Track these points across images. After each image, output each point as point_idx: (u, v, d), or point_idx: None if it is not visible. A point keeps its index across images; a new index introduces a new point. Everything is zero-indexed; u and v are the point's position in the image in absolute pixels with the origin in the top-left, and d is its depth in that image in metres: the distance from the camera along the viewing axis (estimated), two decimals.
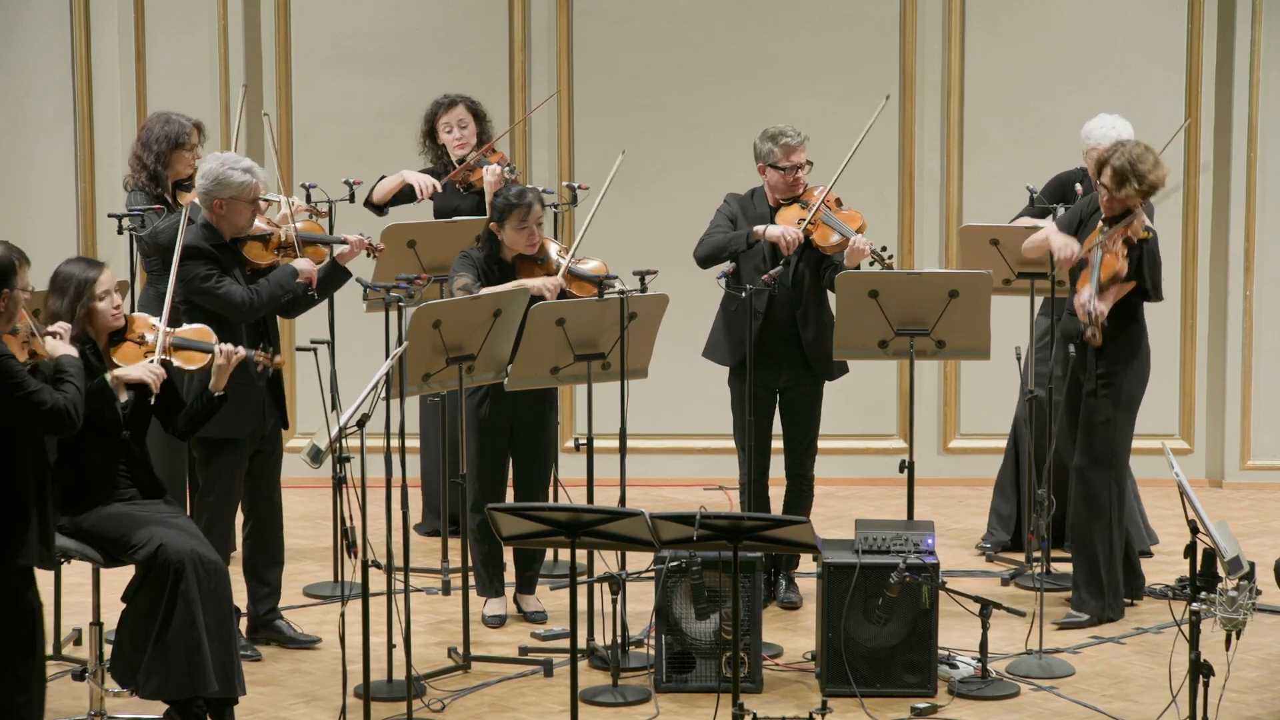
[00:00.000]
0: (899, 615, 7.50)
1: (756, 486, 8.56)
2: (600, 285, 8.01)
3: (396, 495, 7.61)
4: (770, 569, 8.63)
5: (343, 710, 7.22)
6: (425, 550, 9.40)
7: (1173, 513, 9.33)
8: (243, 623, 7.96)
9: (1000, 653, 7.87)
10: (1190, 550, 6.63)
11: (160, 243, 8.47)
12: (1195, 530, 6.61)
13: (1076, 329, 8.21)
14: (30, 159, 10.78)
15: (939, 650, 7.59)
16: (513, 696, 7.61)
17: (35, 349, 6.60)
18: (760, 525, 6.73)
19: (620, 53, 10.86)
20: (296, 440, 10.77)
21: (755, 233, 8.35)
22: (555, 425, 8.49)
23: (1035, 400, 8.90)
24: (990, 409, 10.54)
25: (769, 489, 8.64)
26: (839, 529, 9.37)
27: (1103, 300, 8.04)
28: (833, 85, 10.79)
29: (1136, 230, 8.11)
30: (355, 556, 6.93)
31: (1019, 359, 9.11)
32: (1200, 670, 6.64)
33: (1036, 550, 8.75)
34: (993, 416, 10.47)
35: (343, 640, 7.08)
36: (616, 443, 8.06)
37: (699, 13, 10.84)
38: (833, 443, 10.18)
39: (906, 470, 8.30)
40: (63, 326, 6.84)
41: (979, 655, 7.62)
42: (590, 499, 8.17)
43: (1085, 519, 8.29)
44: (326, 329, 8.76)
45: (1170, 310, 10.72)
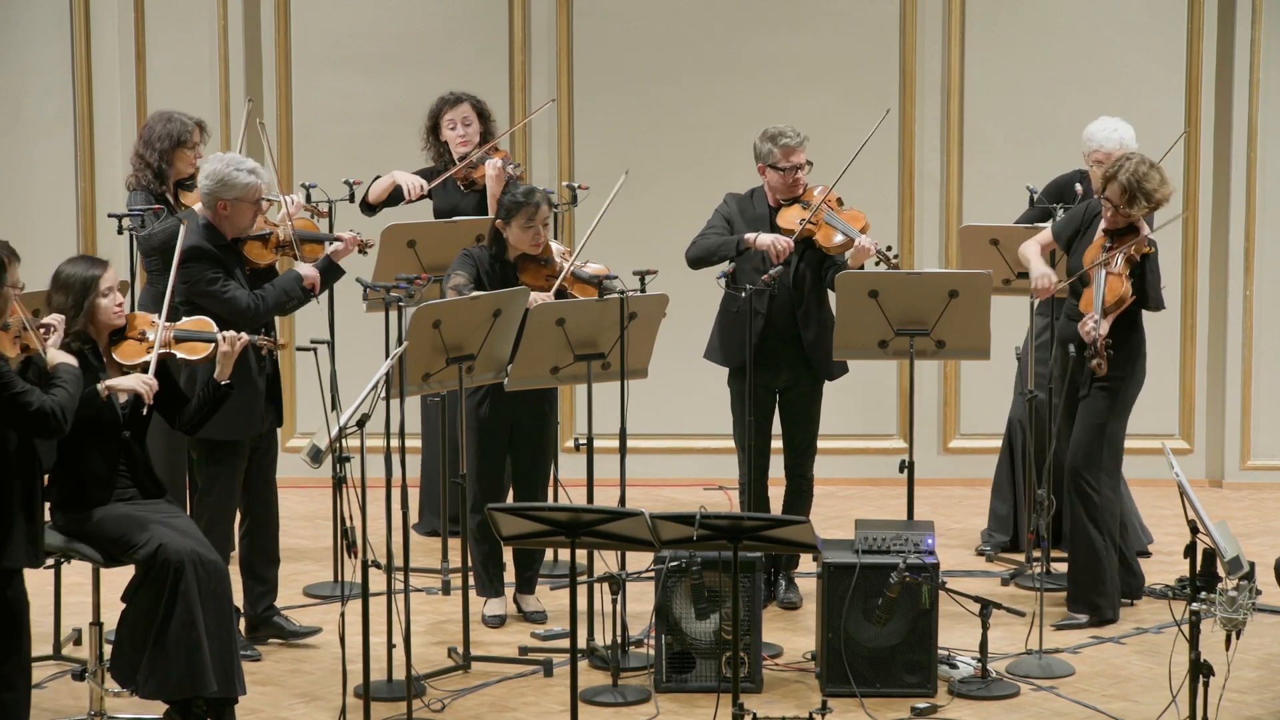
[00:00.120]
0: (899, 615, 7.50)
1: (756, 486, 8.56)
2: (600, 286, 8.01)
3: (396, 495, 7.61)
4: (770, 569, 8.63)
5: (343, 710, 7.22)
6: (425, 550, 9.40)
7: (1173, 513, 9.33)
8: (241, 623, 7.97)
9: (1000, 653, 7.87)
10: (1190, 550, 6.63)
11: (154, 245, 8.48)
12: (1195, 530, 6.61)
13: (1074, 332, 8.21)
14: (30, 159, 10.78)
15: (939, 650, 7.59)
16: (513, 696, 7.61)
17: (28, 343, 6.59)
18: (760, 525, 6.73)
19: (620, 53, 10.86)
20: (296, 440, 10.78)
21: (746, 240, 8.35)
22: (555, 425, 8.49)
23: (1034, 400, 8.90)
24: (990, 409, 10.54)
25: (769, 489, 8.64)
26: (839, 529, 9.37)
27: (1104, 321, 8.03)
28: (833, 85, 10.79)
29: (1140, 247, 8.10)
30: (355, 556, 6.94)
31: (1019, 359, 9.12)
32: (1200, 670, 6.64)
33: (1036, 550, 8.75)
34: (992, 416, 10.46)
35: (343, 640, 7.08)
36: (616, 443, 8.06)
37: (699, 13, 10.84)
38: (833, 443, 10.18)
39: (906, 470, 8.30)
40: (56, 318, 6.83)
41: (979, 655, 7.61)
42: (590, 499, 8.17)
43: (1080, 520, 8.29)
44: (326, 329, 8.76)
45: (1170, 310, 10.66)
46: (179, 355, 7.18)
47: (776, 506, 8.84)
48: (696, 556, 7.46)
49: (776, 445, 8.60)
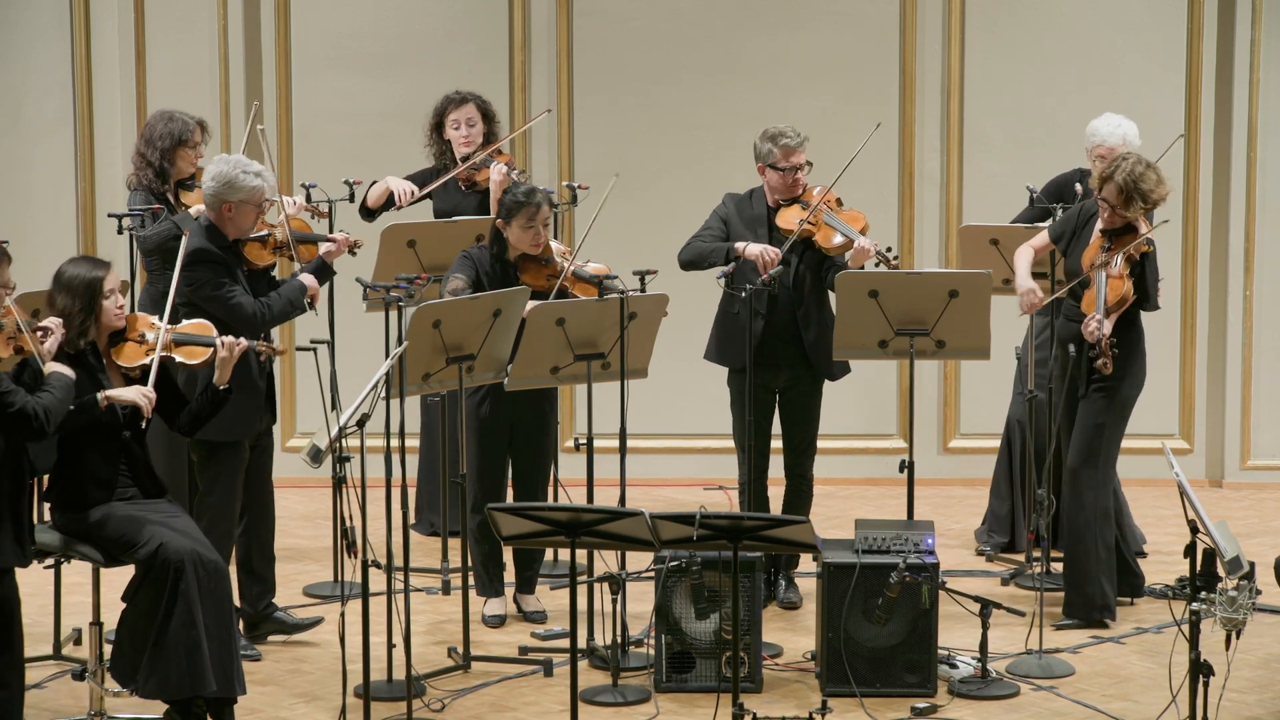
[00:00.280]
0: (899, 615, 7.50)
1: (756, 486, 8.56)
2: (600, 286, 8.00)
3: (396, 495, 7.61)
4: (770, 569, 8.63)
5: (343, 710, 7.22)
6: (425, 550, 9.40)
7: (1173, 513, 9.34)
8: (241, 622, 7.96)
9: (1000, 653, 7.87)
10: (1190, 550, 6.62)
11: (151, 246, 8.48)
12: (1195, 530, 6.61)
13: (1073, 333, 8.21)
14: (30, 159, 10.78)
15: (939, 650, 7.59)
16: (513, 696, 7.61)
17: (22, 345, 6.59)
18: (760, 525, 6.73)
19: (620, 53, 10.86)
20: (296, 440, 10.79)
21: (736, 249, 8.35)
22: (555, 425, 8.49)
23: (1034, 400, 8.90)
24: (990, 409, 10.53)
25: (768, 489, 8.64)
26: (839, 529, 9.37)
27: (1106, 321, 8.03)
28: (833, 85, 10.79)
29: (1140, 246, 8.10)
30: (355, 556, 6.94)
31: (1019, 359, 9.11)
32: (1200, 670, 6.64)
33: (1036, 550, 8.75)
34: (992, 416, 10.45)
35: (343, 640, 7.08)
36: (616, 443, 8.06)
37: (699, 13, 10.84)
38: (833, 443, 10.18)
39: (906, 470, 8.30)
40: (54, 322, 6.82)
41: (979, 655, 7.61)
42: (590, 499, 8.17)
43: (1078, 521, 8.28)
44: (326, 329, 8.75)
45: (1170, 310, 10.71)
46: (178, 359, 7.18)
47: (776, 506, 8.84)
48: (696, 556, 7.46)
49: (776, 445, 8.61)
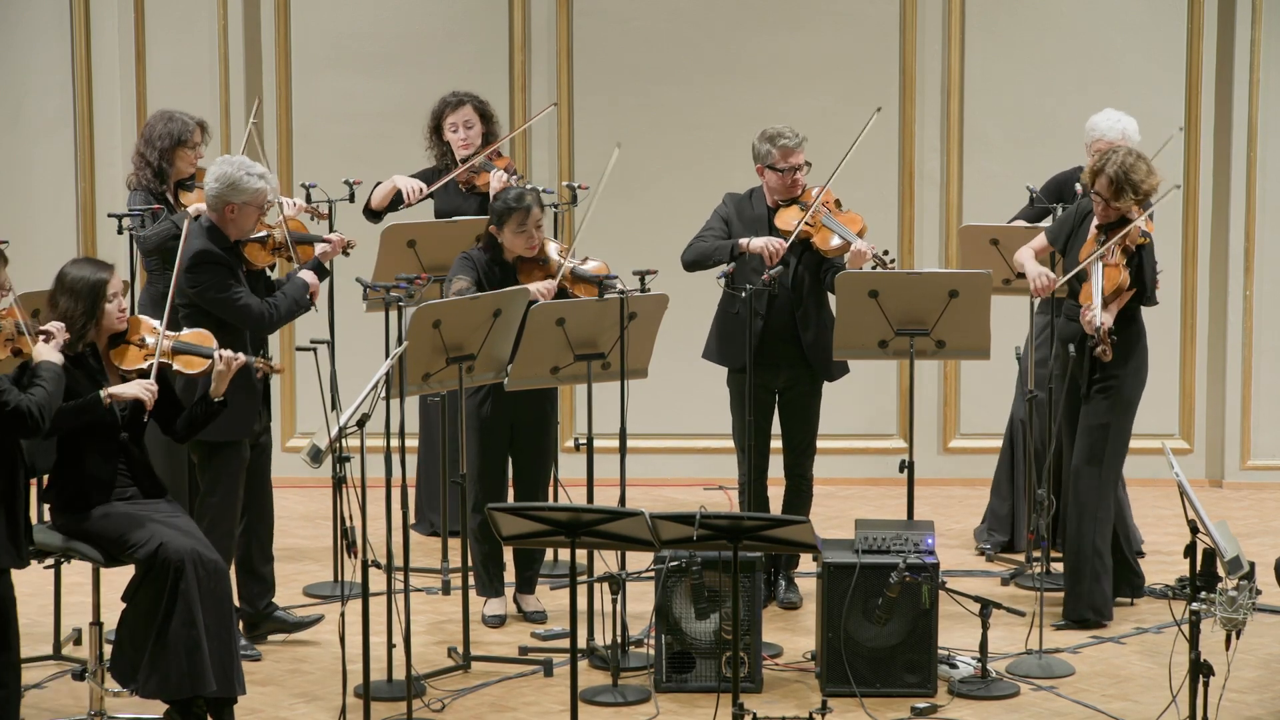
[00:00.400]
0: (899, 615, 7.50)
1: (756, 486, 8.56)
2: (600, 285, 8.01)
3: (396, 495, 7.61)
4: (770, 569, 8.63)
5: (343, 710, 7.22)
6: (425, 550, 9.40)
7: (1173, 513, 9.34)
8: (240, 622, 7.97)
9: (1000, 653, 7.87)
10: (1190, 550, 6.62)
11: (151, 246, 8.48)
12: (1195, 530, 6.61)
13: (1074, 332, 8.21)
14: (30, 159, 10.78)
15: (939, 650, 7.59)
16: (513, 696, 7.61)
17: (21, 347, 6.60)
18: (760, 525, 6.73)
19: (620, 53, 10.86)
20: (296, 440, 10.79)
21: (740, 245, 8.34)
22: (556, 425, 8.49)
23: (1035, 400, 8.89)
24: (990, 409, 10.54)
25: (768, 489, 8.64)
26: (839, 529, 9.37)
27: (1106, 312, 8.04)
28: (833, 85, 10.79)
29: (1134, 238, 8.11)
30: (355, 556, 6.94)
31: (1019, 359, 9.11)
32: (1200, 670, 6.64)
33: (1036, 550, 8.75)
34: (992, 416, 10.46)
35: (343, 640, 7.08)
36: (616, 443, 8.06)
37: (699, 13, 10.84)
38: (833, 443, 10.18)
39: (906, 470, 8.30)
40: (56, 326, 6.83)
41: (979, 655, 7.61)
42: (590, 499, 8.17)
43: (1083, 520, 8.28)
44: (326, 329, 8.75)
45: (1170, 310, 10.72)
46: (175, 367, 7.18)
47: (776, 506, 8.84)
48: (696, 556, 7.46)
49: (776, 445, 8.61)
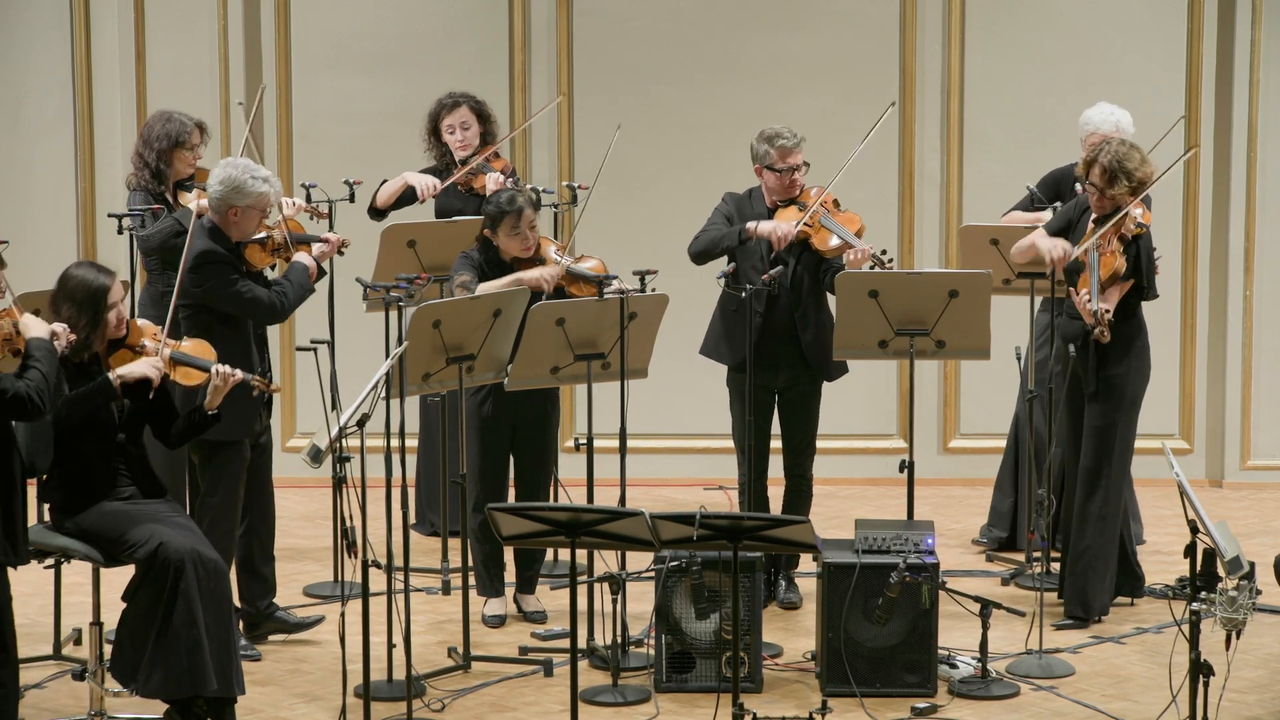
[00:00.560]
0: (899, 615, 7.50)
1: (755, 486, 8.56)
2: (600, 285, 8.00)
3: (396, 495, 7.61)
4: (770, 569, 8.63)
5: (343, 710, 7.22)
6: (425, 550, 9.40)
7: (1173, 513, 9.34)
8: (240, 622, 7.96)
9: (1000, 653, 7.87)
10: (1190, 550, 6.62)
11: (152, 246, 8.49)
12: (1195, 530, 6.61)
13: (1076, 331, 8.21)
14: (30, 159, 10.78)
15: (939, 650, 7.59)
16: (513, 696, 7.61)
17: (20, 348, 6.61)
18: (760, 525, 6.73)
19: (620, 53, 10.86)
20: (296, 440, 10.79)
21: (748, 229, 8.35)
22: (557, 425, 8.49)
23: (1035, 400, 8.89)
24: (990, 409, 10.54)
25: (768, 489, 8.64)
26: (839, 529, 9.37)
27: (1106, 299, 8.05)
28: (833, 85, 10.79)
29: (1129, 226, 8.12)
30: (355, 556, 6.94)
31: (1019, 359, 9.11)
32: (1200, 670, 6.63)
33: (1036, 550, 8.75)
34: (992, 416, 10.46)
35: (343, 640, 7.08)
36: (616, 443, 8.06)
37: (699, 13, 10.84)
38: (833, 443, 10.18)
39: (906, 470, 8.30)
40: (59, 327, 6.83)
41: (979, 655, 7.61)
42: (590, 499, 8.17)
43: (1090, 519, 8.28)
44: (326, 329, 8.75)
45: (1170, 310, 10.72)
46: (173, 377, 7.18)
47: (776, 506, 8.84)
48: (696, 556, 7.46)
49: (776, 445, 8.60)
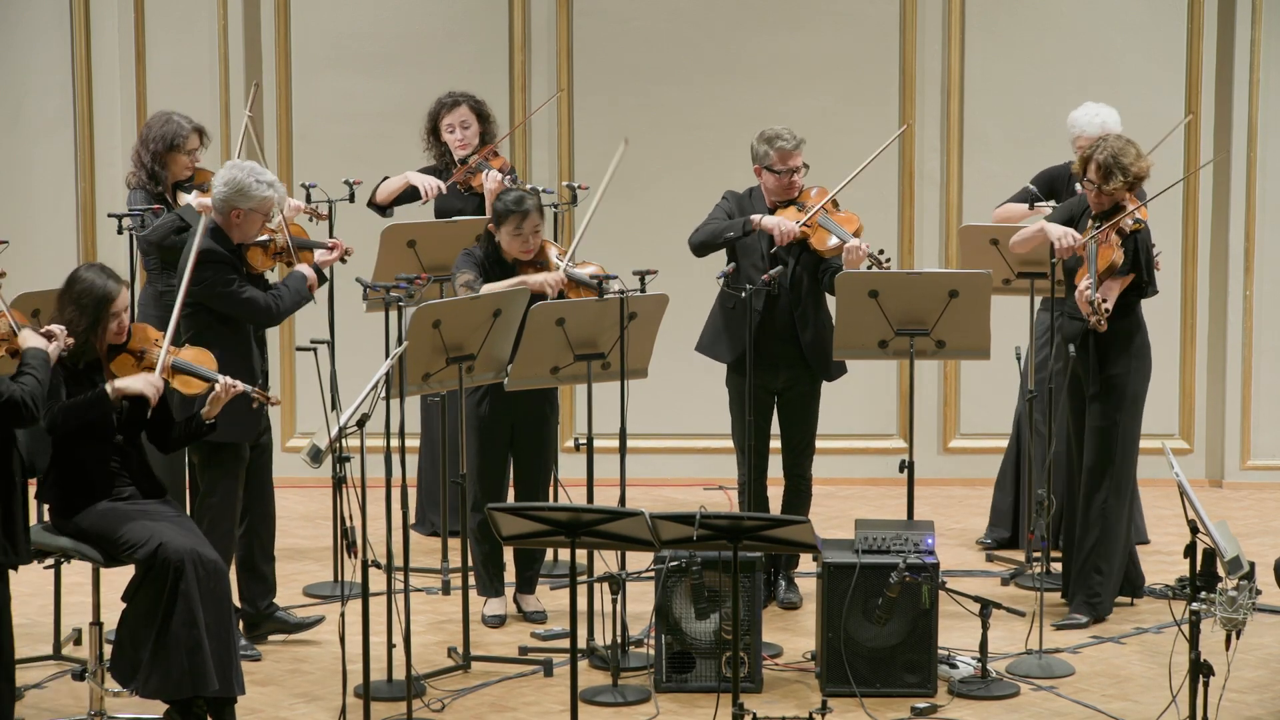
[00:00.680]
0: (899, 615, 7.50)
1: (755, 487, 8.56)
2: (599, 285, 7.99)
3: (396, 495, 7.61)
4: (770, 569, 8.63)
5: (343, 710, 7.22)
6: (425, 550, 9.40)
7: (1173, 513, 9.34)
8: (240, 622, 7.96)
9: (1000, 653, 7.87)
10: (1190, 550, 6.62)
11: (151, 240, 8.49)
12: (1195, 530, 6.61)
13: (1077, 330, 8.21)
14: (30, 159, 10.78)
15: (939, 650, 7.59)
16: (513, 696, 7.61)
17: (17, 348, 6.60)
18: (760, 525, 6.73)
19: (620, 53, 10.86)
20: (296, 440, 10.78)
21: (752, 221, 8.35)
22: (556, 425, 8.49)
23: (1034, 401, 8.89)
24: (990, 409, 10.54)
25: (768, 489, 8.64)
26: (839, 529, 9.37)
27: (1104, 292, 8.05)
28: (833, 85, 10.79)
29: (1125, 222, 8.12)
30: (355, 556, 6.94)
31: (1019, 359, 9.11)
32: (1200, 670, 6.63)
33: (1036, 550, 8.75)
34: (992, 416, 10.46)
35: (343, 640, 7.08)
36: (616, 443, 8.06)
37: (699, 13, 10.84)
38: (833, 443, 10.18)
39: (906, 470, 8.30)
40: (57, 328, 6.82)
41: (979, 655, 7.61)
42: (590, 499, 8.17)
43: (1093, 520, 8.27)
44: (326, 329, 8.75)
45: (1170, 310, 10.72)
46: (172, 384, 7.18)
47: (776, 506, 8.84)
48: (696, 556, 7.46)
49: (775, 445, 8.60)
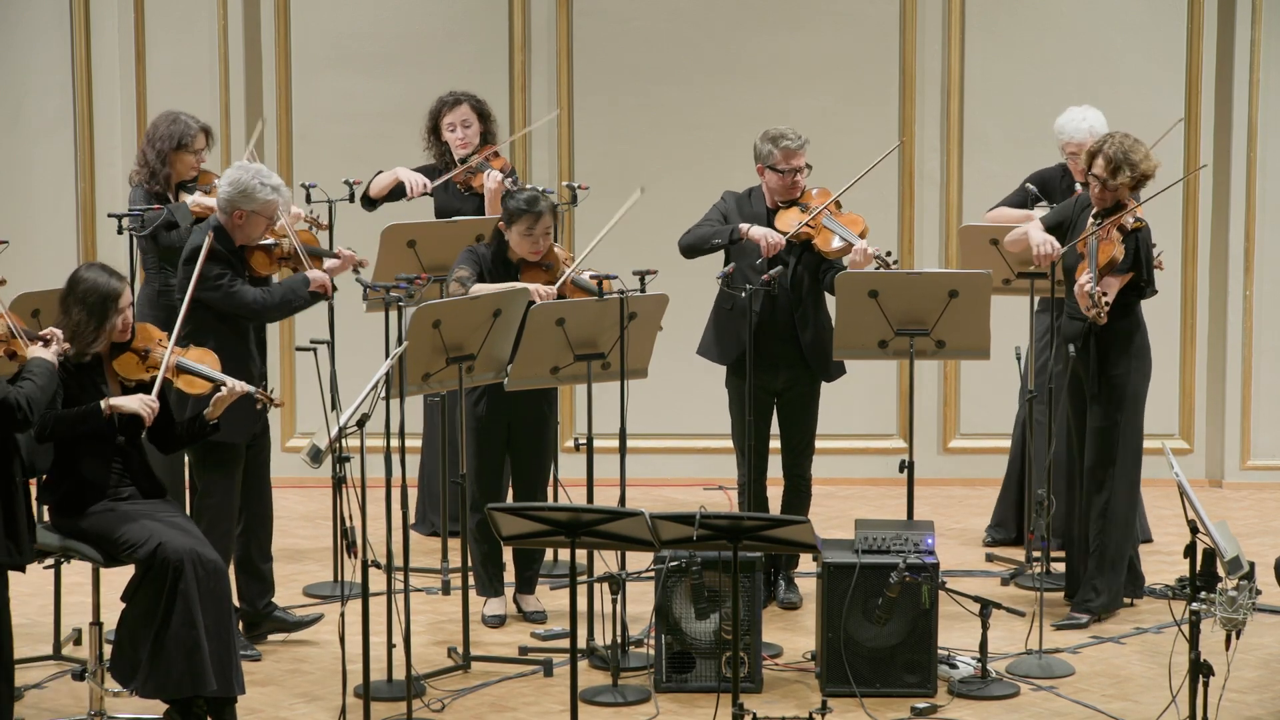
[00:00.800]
0: (899, 615, 7.50)
1: (755, 487, 8.56)
2: (599, 285, 7.98)
3: (396, 495, 7.61)
4: (770, 569, 8.63)
5: (343, 710, 7.22)
6: (425, 550, 9.40)
7: (1173, 513, 9.33)
8: (240, 622, 7.96)
9: (1000, 653, 7.87)
10: (1190, 550, 6.63)
11: (146, 232, 8.50)
12: (1195, 530, 6.61)
13: (1077, 331, 8.21)
14: (30, 159, 10.78)
15: (939, 650, 7.59)
16: (513, 696, 7.61)
17: (15, 349, 6.60)
18: (760, 525, 6.73)
19: (620, 53, 10.86)
20: (296, 440, 10.79)
21: (740, 230, 8.35)
22: (554, 425, 8.49)
23: (1034, 401, 8.89)
24: (990, 409, 10.54)
25: (767, 489, 8.64)
26: (839, 529, 9.37)
27: (1104, 288, 8.04)
28: (833, 85, 10.79)
29: (1127, 220, 8.12)
30: (355, 556, 6.94)
31: (1019, 359, 9.11)
32: (1200, 670, 6.64)
33: (1036, 550, 8.75)
34: (992, 416, 10.46)
35: (343, 640, 7.08)
36: (616, 443, 8.06)
37: (699, 13, 10.84)
38: (833, 443, 10.18)
39: (906, 470, 8.30)
40: (52, 332, 6.81)
41: (979, 655, 7.61)
42: (590, 499, 8.17)
43: (1094, 521, 8.28)
44: (326, 329, 8.75)
45: (1170, 310, 10.72)
46: (176, 385, 7.18)
47: (775, 506, 8.84)
48: (696, 556, 7.46)
49: (775, 445, 8.60)
